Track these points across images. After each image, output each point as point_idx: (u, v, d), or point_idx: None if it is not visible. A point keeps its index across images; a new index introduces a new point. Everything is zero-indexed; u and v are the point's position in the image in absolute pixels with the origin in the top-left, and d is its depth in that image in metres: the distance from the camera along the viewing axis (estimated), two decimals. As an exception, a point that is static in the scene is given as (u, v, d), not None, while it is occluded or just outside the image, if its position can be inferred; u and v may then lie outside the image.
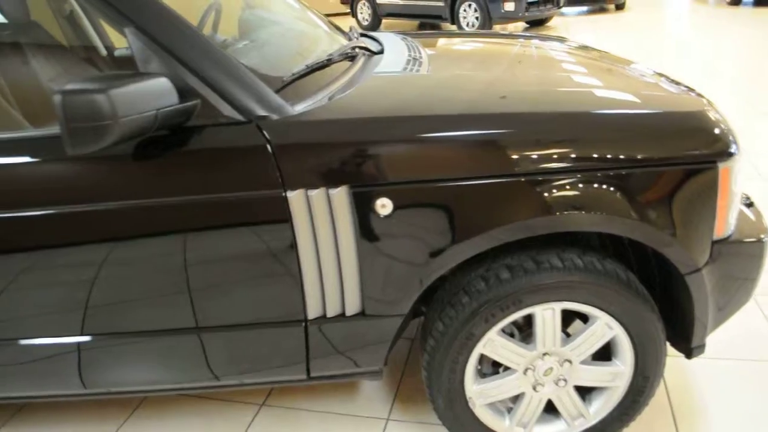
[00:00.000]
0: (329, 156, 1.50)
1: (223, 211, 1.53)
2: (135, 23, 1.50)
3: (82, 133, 1.31)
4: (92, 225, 1.58)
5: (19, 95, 2.29)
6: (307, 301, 1.63)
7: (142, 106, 1.36)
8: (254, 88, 1.53)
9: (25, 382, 1.86)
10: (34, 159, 1.58)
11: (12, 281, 1.67)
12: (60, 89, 1.30)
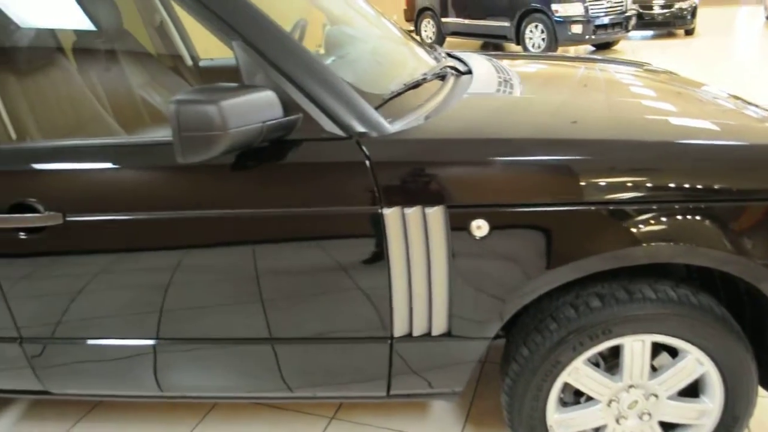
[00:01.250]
0: (427, 175, 1.50)
1: (318, 225, 1.55)
2: (243, 37, 1.53)
3: (193, 142, 1.34)
4: (185, 232, 1.62)
5: (111, 101, 2.36)
6: (395, 319, 1.62)
7: (250, 119, 1.39)
8: (355, 105, 1.54)
9: (101, 381, 1.91)
10: (132, 165, 1.63)
11: (101, 282, 1.71)
12: (174, 99, 1.34)
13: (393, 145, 1.52)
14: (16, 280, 1.74)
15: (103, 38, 2.58)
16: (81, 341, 1.82)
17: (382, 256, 1.54)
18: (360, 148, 1.51)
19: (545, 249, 1.51)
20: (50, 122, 2.01)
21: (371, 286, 1.59)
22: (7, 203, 1.66)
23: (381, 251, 1.54)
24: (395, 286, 1.57)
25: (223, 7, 1.54)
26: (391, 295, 1.59)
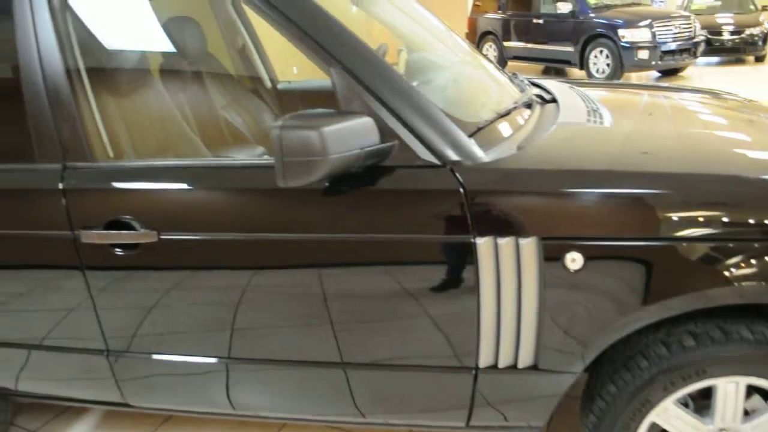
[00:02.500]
0: (522, 206, 1.48)
1: (408, 251, 1.55)
2: (341, 64, 1.55)
3: (294, 167, 1.36)
4: (273, 254, 1.64)
5: (196, 122, 2.42)
6: (481, 349, 1.60)
7: (350, 145, 1.41)
8: (450, 133, 1.54)
9: (178, 396, 1.94)
10: (225, 186, 1.66)
11: (188, 299, 1.75)
12: (278, 124, 1.37)
13: (487, 174, 1.51)
14: (107, 294, 1.79)
15: (189, 60, 2.66)
16: (163, 355, 1.86)
17: (472, 286, 1.53)
18: (454, 177, 1.50)
19: (640, 285, 1.48)
20: (142, 141, 2.07)
21: (459, 315, 1.58)
22: (105, 220, 1.72)
23: (471, 280, 1.53)
24: (484, 316, 1.56)
25: (323, 34, 1.57)
26: (480, 325, 1.57)
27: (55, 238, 1.78)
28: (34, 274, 1.87)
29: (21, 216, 1.82)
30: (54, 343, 1.95)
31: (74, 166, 1.77)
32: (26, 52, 1.78)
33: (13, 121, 1.83)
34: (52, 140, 1.78)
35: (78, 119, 1.76)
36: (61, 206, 1.75)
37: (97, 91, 1.88)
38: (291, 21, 1.58)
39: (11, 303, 1.94)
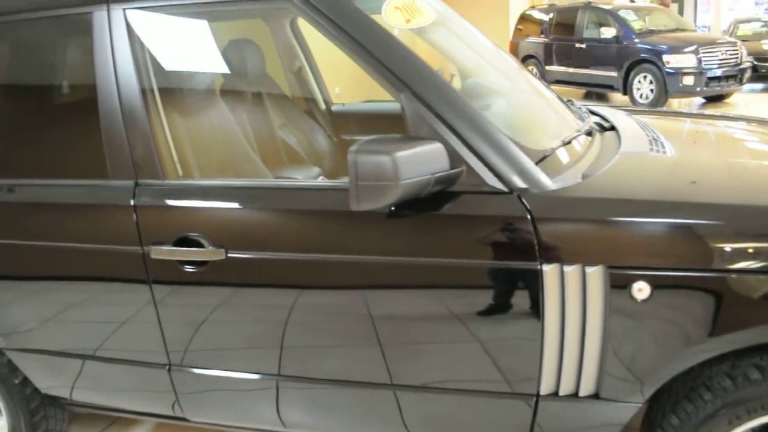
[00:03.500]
0: (589, 234, 1.49)
1: (473, 277, 1.56)
2: (411, 89, 1.58)
3: (368, 191, 1.39)
4: (338, 274, 1.67)
5: (255, 141, 2.48)
6: (543, 376, 1.60)
7: (420, 170, 1.43)
8: (517, 160, 1.56)
9: (231, 412, 1.97)
10: (292, 207, 1.70)
11: (251, 316, 1.78)
12: (353, 149, 1.40)
13: (555, 201, 1.52)
14: (172, 309, 1.84)
15: (249, 82, 2.72)
16: (223, 371, 1.89)
17: (536, 312, 1.53)
18: (522, 204, 1.52)
19: (708, 316, 1.47)
20: (207, 160, 2.13)
21: (522, 341, 1.58)
22: (174, 236, 1.76)
23: (536, 307, 1.53)
24: (547, 342, 1.56)
25: (393, 60, 1.61)
26: (542, 352, 1.57)
27: (124, 253, 1.83)
28: (102, 287, 1.93)
29: (93, 230, 1.88)
30: (116, 355, 2.00)
31: (146, 184, 1.83)
32: (104, 71, 1.85)
33: (88, 139, 1.90)
34: (125, 158, 1.84)
35: (151, 138, 1.82)
36: (132, 222, 1.81)
37: (168, 110, 1.95)
38: (362, 47, 1.62)
39: (77, 314, 2.00)
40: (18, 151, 2.06)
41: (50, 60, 2.07)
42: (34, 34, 2.03)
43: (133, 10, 1.86)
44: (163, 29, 2.01)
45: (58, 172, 1.97)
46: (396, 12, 1.76)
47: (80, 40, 1.94)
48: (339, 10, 1.66)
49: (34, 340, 2.10)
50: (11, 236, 1.99)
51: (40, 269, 1.99)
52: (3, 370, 2.22)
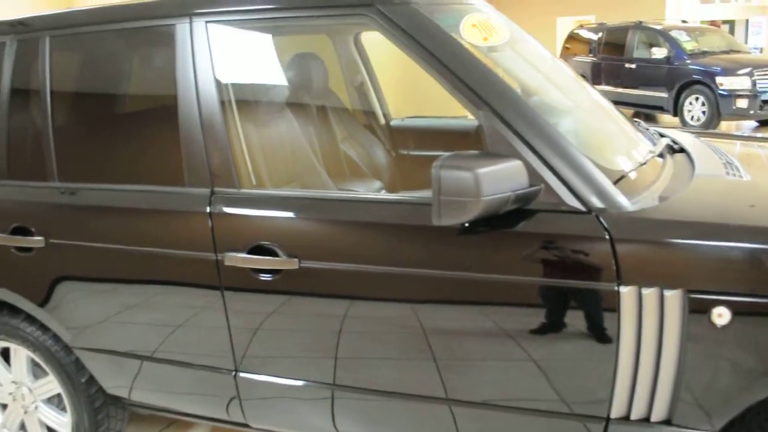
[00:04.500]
0: (669, 257, 1.48)
1: (547, 295, 1.56)
2: (490, 107, 1.60)
3: (450, 206, 1.40)
4: (407, 288, 1.68)
5: (319, 153, 2.52)
6: (615, 399, 1.58)
7: (501, 187, 1.44)
8: (596, 180, 1.55)
9: (293, 419, 1.99)
10: (366, 219, 1.72)
11: (319, 325, 1.80)
12: (437, 163, 1.42)
13: (634, 223, 1.51)
14: (243, 316, 1.87)
15: (313, 95, 2.77)
16: (288, 379, 1.91)
17: (611, 334, 1.52)
18: (600, 224, 1.51)
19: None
20: (276, 171, 2.17)
21: (594, 362, 1.57)
22: (248, 244, 1.80)
23: (611, 328, 1.52)
24: (621, 365, 1.54)
25: (473, 77, 1.62)
26: (616, 374, 1.56)
27: (198, 259, 1.88)
28: (173, 291, 1.98)
29: (167, 235, 1.93)
30: (183, 359, 2.04)
31: (221, 192, 1.87)
32: (185, 82, 1.91)
33: (167, 147, 1.96)
34: (202, 166, 1.88)
35: (228, 148, 1.87)
36: (207, 229, 1.85)
37: (243, 122, 1.99)
38: (442, 63, 1.64)
39: (146, 316, 2.05)
40: (100, 157, 2.13)
41: (133, 69, 2.14)
42: (118, 44, 2.11)
43: (214, 23, 1.92)
44: (241, 42, 2.07)
45: (137, 177, 2.03)
46: (473, 30, 1.78)
47: (163, 51, 2.00)
48: (419, 26, 1.68)
49: (103, 340, 2.16)
50: (88, 238, 2.05)
51: (114, 271, 2.05)
52: (70, 369, 2.29)
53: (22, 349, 2.38)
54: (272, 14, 1.85)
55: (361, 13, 1.74)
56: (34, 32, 2.21)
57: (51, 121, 2.15)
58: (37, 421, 2.50)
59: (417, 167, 3.13)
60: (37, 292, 2.19)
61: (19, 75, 2.23)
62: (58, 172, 2.14)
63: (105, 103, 2.19)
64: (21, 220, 2.17)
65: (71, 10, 2.17)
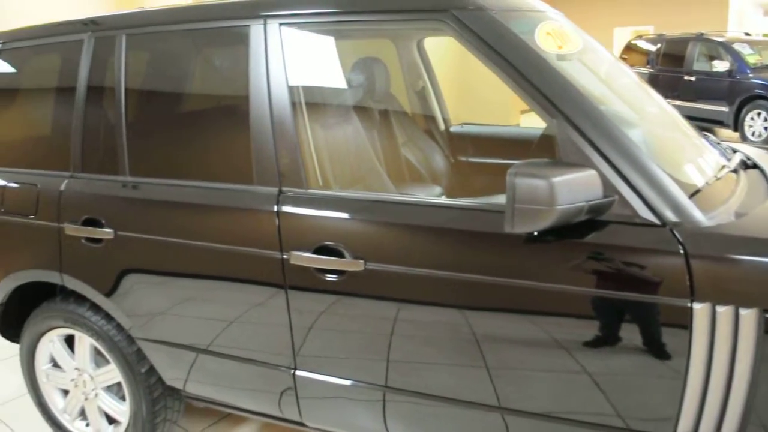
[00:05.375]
0: (746, 275, 1.44)
1: (615, 308, 1.53)
2: (565, 115, 1.58)
3: (523, 214, 1.39)
4: (470, 294, 1.67)
5: (380, 157, 2.53)
6: (681, 418, 1.55)
7: (576, 197, 1.42)
8: (671, 193, 1.52)
9: (349, 420, 1.99)
10: (432, 224, 1.72)
11: (381, 328, 1.81)
12: (512, 171, 1.41)
13: (710, 238, 1.47)
14: (305, 315, 1.89)
15: (375, 99, 2.79)
16: (345, 380, 1.92)
17: (682, 351, 1.49)
18: (675, 238, 1.48)
19: None
20: (341, 172, 2.19)
21: (662, 379, 1.53)
22: (314, 244, 1.82)
23: (682, 345, 1.48)
24: (690, 383, 1.51)
25: (548, 85, 1.61)
26: (684, 392, 1.52)
27: (263, 257, 1.90)
28: (237, 287, 2.00)
29: (234, 232, 1.96)
30: (243, 354, 2.07)
31: (289, 191, 1.90)
32: (257, 83, 1.94)
33: (237, 146, 1.99)
34: (271, 165, 1.91)
35: (297, 149, 1.89)
36: (274, 227, 1.88)
37: (312, 123, 2.02)
38: (517, 70, 1.63)
39: (209, 310, 2.09)
40: (170, 153, 2.18)
41: (206, 69, 2.18)
42: (192, 44, 2.16)
43: (287, 26, 1.95)
44: (312, 45, 2.09)
45: (206, 175, 2.07)
46: (548, 37, 1.76)
47: (236, 51, 2.04)
48: (495, 33, 1.68)
49: (165, 331, 2.21)
50: (156, 232, 2.10)
51: (179, 265, 2.09)
52: (131, 358, 2.34)
53: (86, 337, 2.46)
54: (346, 18, 1.87)
55: (435, 18, 1.74)
56: (111, 30, 2.28)
57: (124, 117, 2.22)
58: (96, 408, 2.57)
59: (476, 174, 3.12)
60: (104, 283, 2.26)
61: (95, 72, 2.30)
62: (129, 167, 2.20)
63: (176, 101, 2.25)
64: (92, 212, 2.24)
65: (148, 10, 2.23)
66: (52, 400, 2.71)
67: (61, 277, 2.35)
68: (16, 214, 2.44)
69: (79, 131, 2.31)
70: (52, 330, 2.55)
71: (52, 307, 2.48)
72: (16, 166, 2.51)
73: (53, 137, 2.43)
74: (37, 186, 2.39)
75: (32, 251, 2.42)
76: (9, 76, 2.65)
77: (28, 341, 2.63)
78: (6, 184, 2.49)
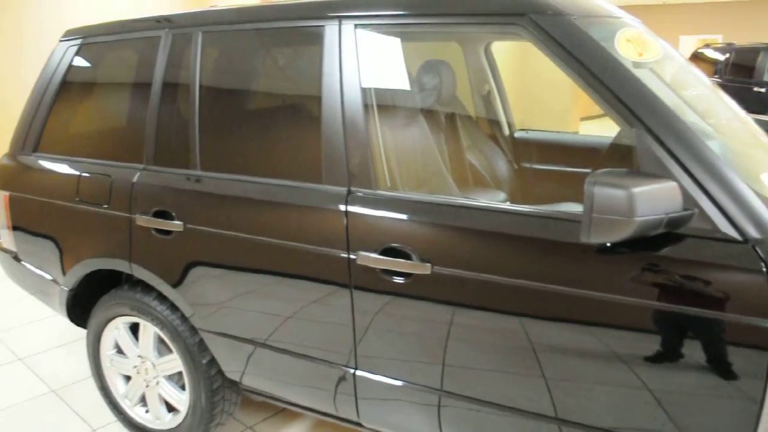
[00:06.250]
0: None
1: (689, 325, 1.49)
2: (645, 124, 1.54)
3: (601, 224, 1.37)
4: (538, 303, 1.65)
5: (445, 160, 2.51)
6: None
7: (655, 209, 1.39)
8: (753, 208, 1.47)
9: (405, 423, 1.99)
10: (501, 229, 1.70)
11: (444, 332, 1.80)
12: (591, 179, 1.38)
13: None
14: (369, 315, 1.89)
15: (443, 102, 2.78)
16: (405, 383, 1.92)
17: (760, 374, 1.43)
18: (757, 255, 1.43)
19: None
20: (407, 174, 2.19)
21: (736, 400, 1.48)
22: (381, 245, 1.82)
23: (760, 368, 1.43)
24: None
25: (628, 93, 1.57)
26: (759, 418, 1.47)
27: (330, 256, 1.92)
28: (301, 285, 2.02)
29: (301, 230, 1.98)
30: (304, 351, 2.09)
31: (358, 192, 1.90)
32: (330, 82, 1.95)
33: (308, 144, 2.01)
34: (341, 165, 1.92)
35: (368, 149, 1.89)
36: (342, 227, 1.89)
37: (382, 125, 2.02)
38: (596, 77, 1.60)
39: (272, 306, 2.11)
40: (241, 149, 2.22)
41: (278, 67, 2.21)
42: (266, 42, 2.19)
43: (362, 27, 1.95)
44: (385, 47, 2.09)
45: (275, 172, 2.10)
46: (628, 44, 1.73)
47: (309, 51, 2.06)
48: (574, 38, 1.65)
49: (227, 324, 2.25)
50: (224, 226, 2.14)
51: (245, 260, 2.12)
52: (194, 349, 2.39)
53: (151, 325, 2.52)
54: (422, 20, 1.86)
55: (512, 23, 1.72)
56: (188, 28, 2.33)
57: (197, 113, 2.26)
58: (156, 395, 2.63)
59: (539, 181, 3.08)
60: (172, 274, 2.31)
61: (171, 67, 2.36)
62: (200, 162, 2.25)
63: (248, 98, 2.28)
64: (163, 205, 2.29)
65: (223, 8, 2.27)
66: (115, 385, 2.79)
67: (130, 266, 2.41)
68: (90, 203, 2.52)
69: (153, 125, 2.37)
70: (119, 317, 2.62)
71: (119, 295, 2.55)
72: (92, 157, 2.60)
73: (128, 130, 2.50)
74: (111, 177, 2.46)
75: (103, 240, 2.49)
76: (88, 70, 2.74)
77: (95, 327, 2.71)
78: (82, 174, 2.57)
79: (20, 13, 6.17)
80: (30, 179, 2.78)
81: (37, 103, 2.81)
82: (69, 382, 3.33)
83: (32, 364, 3.54)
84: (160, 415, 2.66)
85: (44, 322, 4.12)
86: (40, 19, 6.31)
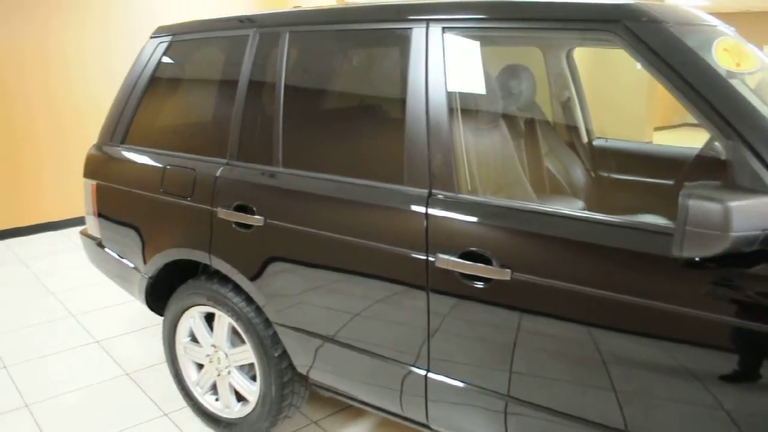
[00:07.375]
0: None
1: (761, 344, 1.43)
2: (743, 137, 1.49)
3: (694, 238, 1.33)
4: (616, 314, 1.61)
5: (524, 166, 2.49)
6: None
7: (752, 224, 1.34)
8: None
9: (464, 425, 1.97)
10: (583, 237, 1.67)
11: (520, 339, 1.78)
12: (686, 192, 1.35)
13: None
14: (445, 319, 1.89)
15: (523, 107, 2.75)
16: (476, 387, 1.90)
17: None
18: None
19: None
20: (487, 179, 2.18)
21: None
22: (461, 249, 1.82)
23: None
24: None
25: (726, 104, 1.52)
26: None
27: (408, 257, 1.92)
28: (378, 284, 2.04)
29: (381, 230, 1.99)
30: (375, 350, 2.10)
31: (439, 194, 1.91)
32: (415, 84, 1.96)
33: (390, 145, 2.03)
34: (423, 167, 1.93)
35: (451, 153, 1.89)
36: (421, 228, 1.89)
37: (465, 128, 2.02)
38: (692, 87, 1.56)
39: (347, 304, 2.14)
40: (323, 148, 2.25)
41: (363, 68, 2.24)
42: (352, 43, 2.22)
43: (449, 31, 1.96)
44: (471, 51, 2.09)
45: (356, 171, 2.12)
46: (725, 54, 1.67)
47: (396, 53, 2.08)
48: (670, 46, 1.61)
49: (301, 319, 2.28)
50: (304, 223, 2.17)
51: (323, 257, 2.16)
52: (266, 341, 2.44)
53: (226, 316, 2.58)
54: (512, 24, 1.85)
55: (606, 29, 1.69)
56: (275, 27, 2.38)
57: (282, 111, 2.31)
58: (227, 385, 2.70)
59: (617, 190, 3.02)
60: (250, 267, 2.36)
61: (257, 66, 2.42)
62: (282, 159, 2.30)
63: (332, 98, 2.32)
64: (244, 199, 2.35)
65: (310, 9, 2.31)
66: (187, 372, 2.88)
67: (210, 258, 2.48)
68: (173, 195, 2.60)
69: (238, 121, 2.43)
70: (195, 306, 2.70)
71: (197, 285, 2.63)
72: (177, 150, 2.68)
73: (212, 125, 2.57)
74: (195, 170, 2.54)
75: (185, 231, 2.57)
76: (177, 66, 2.83)
77: (172, 315, 2.80)
78: (167, 167, 2.66)
79: (109, 9, 6.42)
80: (117, 169, 2.89)
81: (126, 97, 2.92)
82: (142, 366, 3.45)
83: (108, 347, 3.69)
84: (230, 404, 2.73)
85: (118, 308, 4.29)
86: (130, 14, 6.55)
